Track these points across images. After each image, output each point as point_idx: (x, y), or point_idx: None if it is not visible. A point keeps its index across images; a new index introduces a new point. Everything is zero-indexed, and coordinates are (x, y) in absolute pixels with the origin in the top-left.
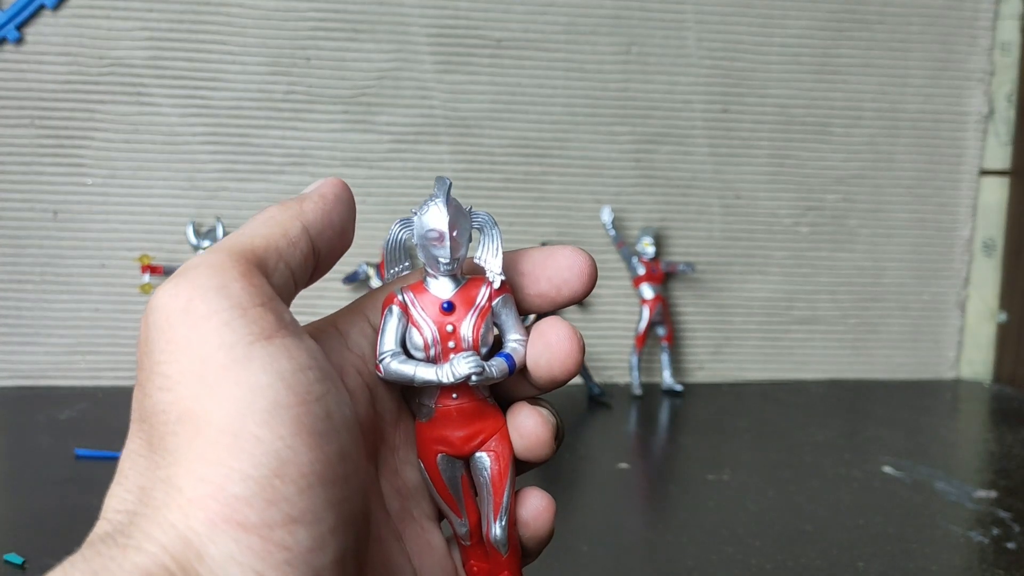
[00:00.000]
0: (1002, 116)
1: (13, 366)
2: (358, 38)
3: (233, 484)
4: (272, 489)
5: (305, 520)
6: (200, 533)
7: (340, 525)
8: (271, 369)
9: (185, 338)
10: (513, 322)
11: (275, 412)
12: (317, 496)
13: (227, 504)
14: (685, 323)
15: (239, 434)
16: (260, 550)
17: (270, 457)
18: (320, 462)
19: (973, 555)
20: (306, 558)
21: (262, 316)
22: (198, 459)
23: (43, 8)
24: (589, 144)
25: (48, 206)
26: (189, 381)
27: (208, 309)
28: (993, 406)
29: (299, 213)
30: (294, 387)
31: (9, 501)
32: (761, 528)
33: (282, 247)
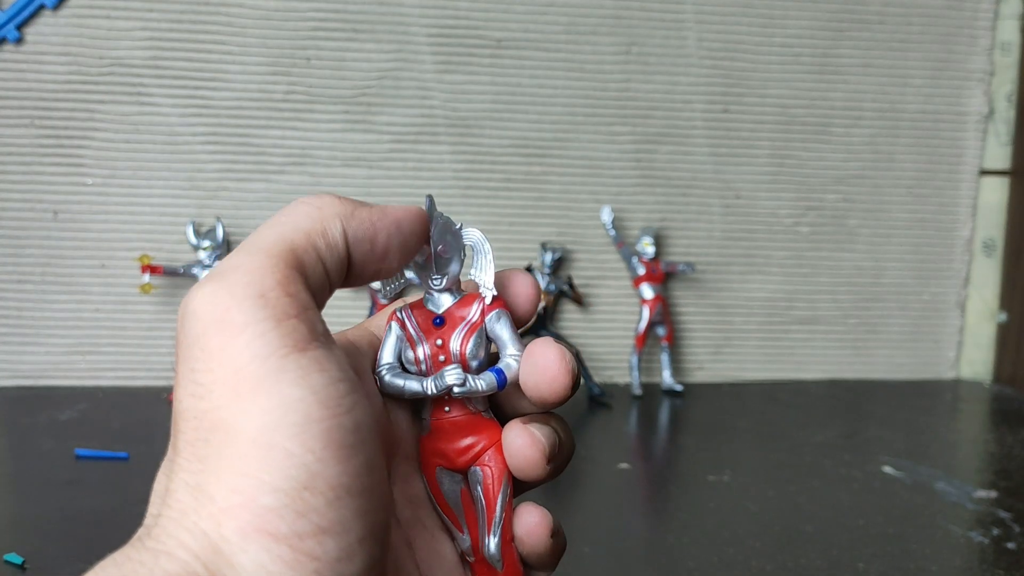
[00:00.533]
0: (1002, 116)
1: (13, 366)
2: (358, 38)
3: (264, 496)
4: (302, 501)
5: (334, 531)
6: (231, 542)
7: (368, 535)
8: (303, 383)
9: (220, 348)
10: (509, 337)
11: (306, 426)
12: (346, 507)
13: (258, 515)
14: (685, 323)
15: (271, 447)
16: (290, 560)
17: (300, 470)
18: (348, 474)
19: (973, 555)
20: (335, 568)
21: (296, 328)
22: (230, 470)
23: (43, 8)
24: (589, 144)
25: (48, 206)
26: (222, 391)
27: (244, 320)
28: (993, 406)
29: (343, 213)
30: (325, 401)
31: (9, 501)
32: (761, 529)
33: (321, 247)
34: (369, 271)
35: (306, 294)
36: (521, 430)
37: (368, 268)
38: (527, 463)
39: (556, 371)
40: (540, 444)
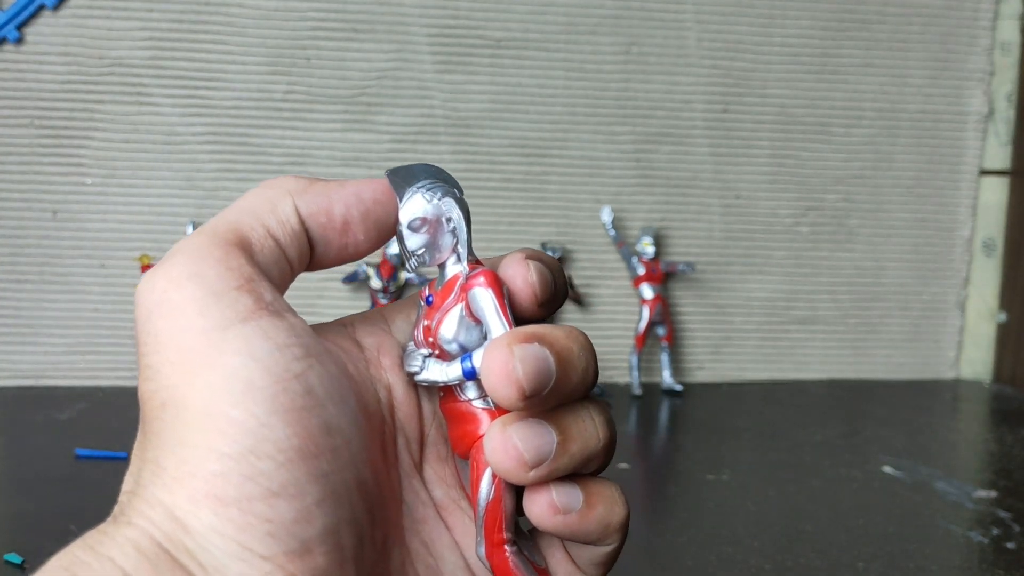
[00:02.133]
0: (1002, 116)
1: (13, 366)
2: (358, 38)
3: (210, 462)
4: (248, 465)
5: (287, 493)
6: (184, 508)
7: (328, 497)
8: (244, 351)
9: (163, 329)
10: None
11: (248, 392)
12: (297, 470)
13: (206, 480)
14: (685, 323)
15: (214, 415)
16: (241, 522)
17: (244, 435)
18: (299, 437)
19: (973, 555)
20: (290, 529)
21: (237, 300)
22: (179, 442)
23: (43, 8)
24: (589, 144)
25: (48, 206)
26: (168, 370)
27: (182, 298)
28: (993, 406)
29: (294, 189)
30: (270, 367)
31: (9, 501)
32: (761, 528)
33: (270, 224)
34: (334, 246)
35: (250, 267)
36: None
37: (332, 243)
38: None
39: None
40: (514, 449)
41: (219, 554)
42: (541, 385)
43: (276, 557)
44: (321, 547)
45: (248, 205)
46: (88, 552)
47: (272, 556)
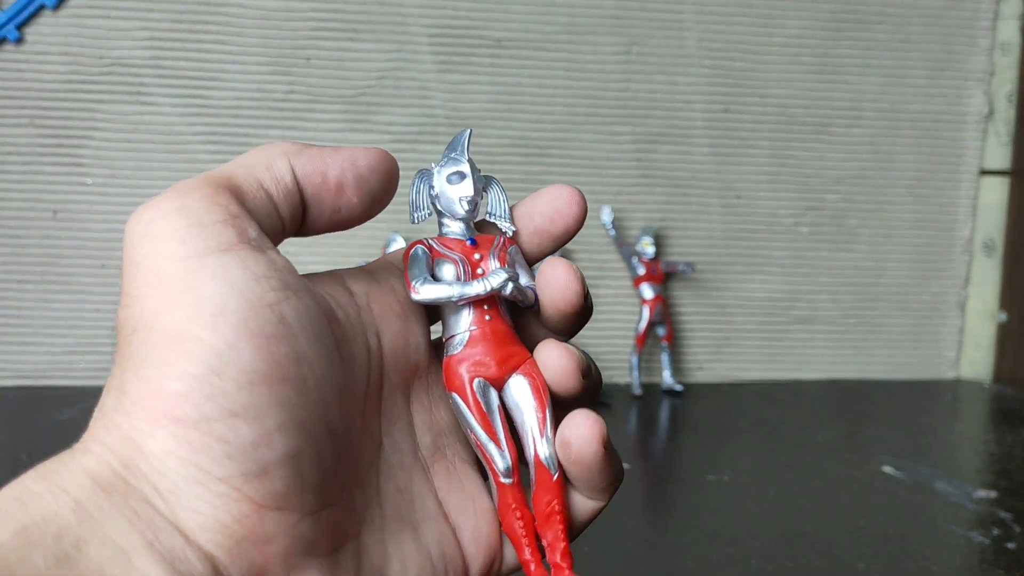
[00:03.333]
0: (1002, 116)
1: (13, 366)
2: (358, 38)
3: (172, 381)
4: (210, 385)
5: (247, 415)
6: (142, 430)
7: (291, 424)
8: (220, 277)
9: (144, 256)
10: (525, 270)
11: (221, 316)
12: (260, 393)
13: (165, 400)
14: (685, 323)
15: (183, 337)
16: (198, 443)
17: (210, 356)
18: (265, 361)
19: (973, 555)
20: (248, 452)
21: (220, 232)
22: (143, 363)
23: (43, 8)
24: (589, 144)
25: (48, 206)
26: (145, 295)
27: (166, 227)
28: (993, 406)
29: (291, 151)
30: (244, 293)
31: None
32: (761, 529)
33: (264, 179)
34: (328, 207)
35: (237, 206)
36: (554, 343)
37: (326, 204)
38: (564, 373)
39: (566, 278)
40: (575, 355)
41: (175, 477)
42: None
43: (232, 479)
44: (280, 471)
45: (243, 161)
46: (40, 482)
47: (228, 478)
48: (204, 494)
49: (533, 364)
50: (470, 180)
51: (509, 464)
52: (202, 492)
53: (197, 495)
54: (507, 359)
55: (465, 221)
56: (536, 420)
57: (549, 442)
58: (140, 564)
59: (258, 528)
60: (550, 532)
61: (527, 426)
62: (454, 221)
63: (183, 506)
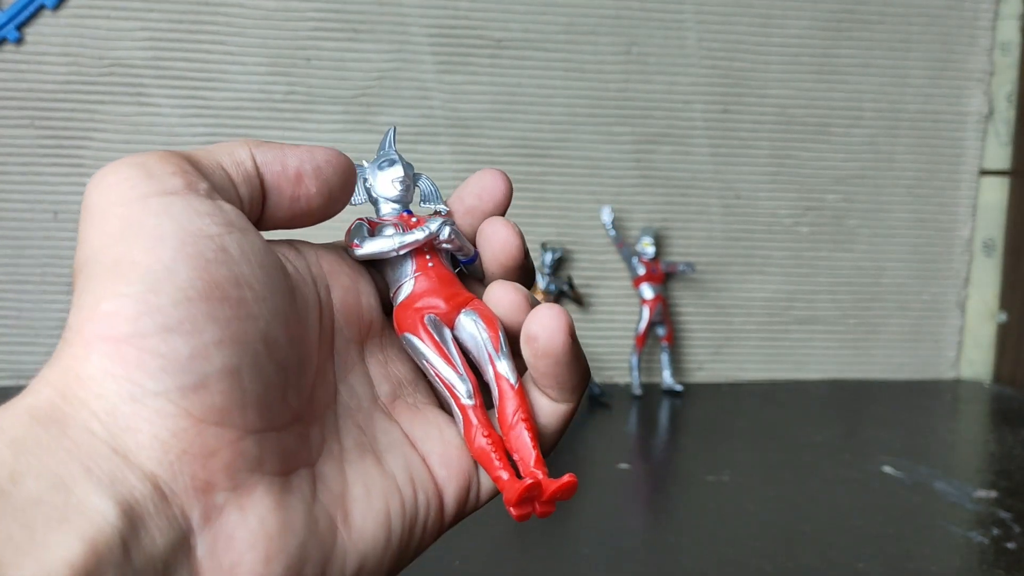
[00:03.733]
0: (1002, 116)
1: (13, 366)
2: (358, 38)
3: (105, 302)
4: (145, 302)
5: (182, 329)
6: (78, 356)
7: (228, 339)
8: (163, 213)
9: (94, 202)
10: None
11: (158, 241)
12: (196, 309)
13: (100, 322)
14: (685, 323)
15: (120, 263)
16: (133, 359)
17: (144, 275)
18: (203, 280)
19: (973, 555)
20: (184, 365)
21: (168, 178)
22: (83, 292)
23: (43, 8)
24: (589, 144)
25: (48, 206)
26: (90, 235)
27: (118, 177)
28: (993, 406)
29: (251, 143)
30: (184, 225)
31: None
32: (760, 529)
33: (224, 160)
34: (287, 196)
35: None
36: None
37: (285, 192)
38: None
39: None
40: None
41: (111, 397)
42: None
43: (169, 392)
44: (219, 384)
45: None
46: None
47: (164, 391)
48: (141, 411)
49: (480, 302)
50: (399, 164)
51: (470, 387)
52: (139, 409)
53: (134, 412)
54: (454, 297)
55: (399, 202)
56: (490, 340)
57: (506, 356)
58: (79, 491)
59: (197, 442)
60: (519, 442)
61: (482, 348)
62: (389, 204)
63: (121, 426)
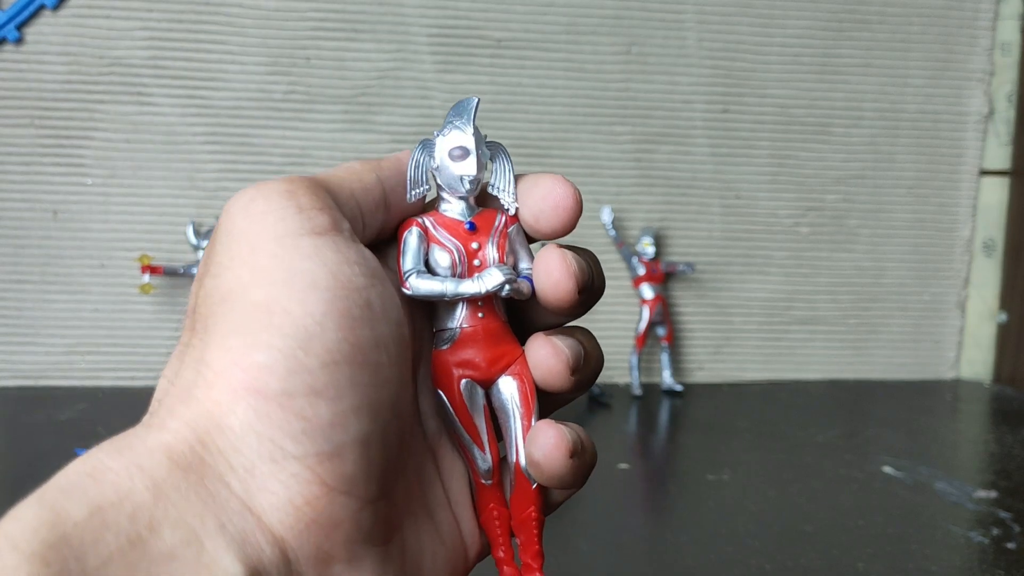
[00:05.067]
0: (1002, 116)
1: (13, 366)
2: (358, 38)
3: (257, 352)
4: (295, 360)
5: (327, 395)
6: (221, 403)
7: (365, 407)
8: (314, 257)
9: (241, 230)
10: (525, 252)
11: (311, 292)
12: (341, 373)
13: (249, 372)
14: (685, 323)
15: (271, 309)
16: (279, 419)
17: (297, 330)
18: (349, 343)
19: (973, 555)
20: (325, 431)
21: (317, 216)
22: (229, 332)
23: (43, 8)
24: (589, 144)
25: (48, 206)
26: (237, 266)
27: (267, 206)
28: (993, 406)
29: (376, 166)
30: (336, 274)
31: (9, 502)
32: (761, 528)
33: (356, 189)
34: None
35: (331, 201)
36: (543, 340)
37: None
38: (550, 374)
39: (559, 274)
40: (563, 354)
41: (251, 454)
42: (586, 282)
43: (307, 458)
44: (352, 454)
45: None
46: (116, 457)
47: (303, 456)
48: (278, 473)
49: (523, 363)
50: (474, 157)
51: (490, 466)
52: (276, 471)
53: (271, 473)
54: (497, 360)
55: (466, 199)
56: (520, 428)
57: None
58: (211, 548)
59: (327, 511)
60: (524, 535)
61: (512, 432)
62: (455, 199)
63: (258, 485)
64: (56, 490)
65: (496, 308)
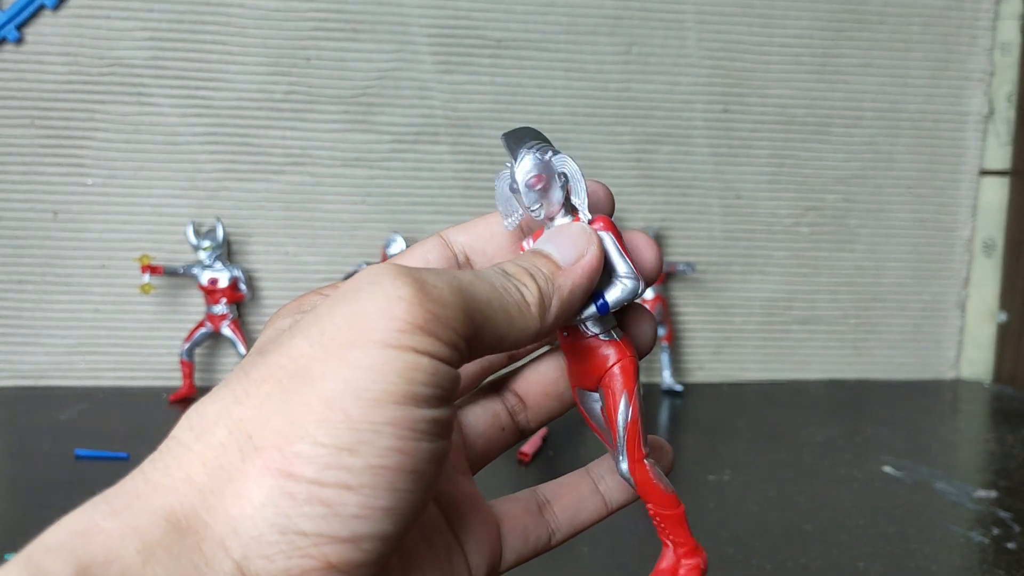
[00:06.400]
0: (1002, 116)
1: (13, 366)
2: (358, 38)
3: (302, 444)
4: (338, 458)
5: (361, 491)
6: (247, 476)
7: (398, 511)
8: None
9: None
10: (613, 258)
11: (378, 401)
12: (382, 478)
13: (288, 458)
14: (685, 323)
15: (333, 408)
16: (303, 499)
17: (350, 435)
18: (401, 453)
19: (973, 555)
20: (347, 521)
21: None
22: (284, 415)
23: (43, 8)
24: (589, 144)
25: (48, 206)
26: (327, 344)
27: (405, 316)
28: (993, 406)
29: (556, 289)
30: (408, 392)
31: (9, 501)
32: (761, 528)
33: (509, 336)
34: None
35: (464, 345)
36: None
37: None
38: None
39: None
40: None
41: (262, 524)
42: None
43: (319, 538)
44: (367, 545)
45: (505, 300)
46: (111, 519)
47: (315, 534)
48: (283, 545)
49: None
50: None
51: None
52: (282, 542)
53: (276, 544)
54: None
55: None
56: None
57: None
58: None
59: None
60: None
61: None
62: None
63: (258, 552)
64: (42, 549)
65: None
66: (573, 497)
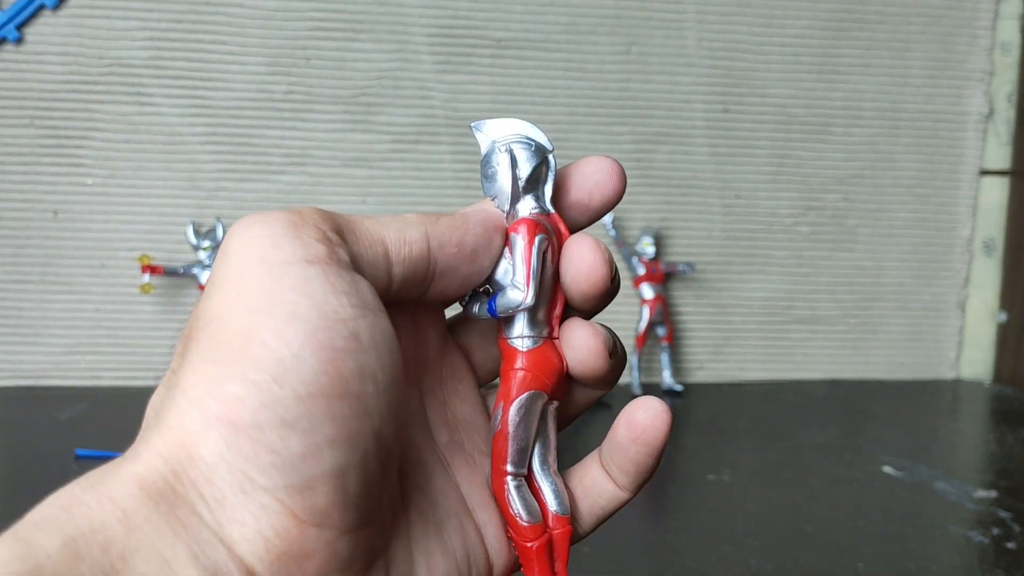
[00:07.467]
0: (1002, 116)
1: (13, 366)
2: (358, 38)
3: (231, 383)
4: (268, 392)
5: (299, 427)
6: (193, 432)
7: (342, 440)
8: (300, 288)
9: (235, 252)
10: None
11: (290, 323)
12: (316, 406)
13: (221, 402)
14: (685, 323)
15: (249, 339)
16: (248, 451)
17: (273, 363)
18: (328, 375)
19: (973, 555)
20: (295, 464)
21: (312, 245)
22: (206, 360)
23: (43, 8)
24: (589, 144)
25: (48, 206)
26: (225, 290)
27: (265, 231)
28: (993, 406)
29: (427, 220)
30: (319, 305)
31: (9, 501)
32: (761, 528)
33: (389, 235)
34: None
35: (338, 237)
36: (580, 322)
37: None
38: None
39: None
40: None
41: (222, 484)
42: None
43: (276, 490)
44: (324, 487)
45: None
46: (89, 491)
47: (272, 488)
48: (248, 504)
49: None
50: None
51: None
52: (246, 502)
53: (242, 505)
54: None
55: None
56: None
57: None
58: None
59: (297, 543)
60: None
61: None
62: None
63: (228, 517)
64: (30, 524)
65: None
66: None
